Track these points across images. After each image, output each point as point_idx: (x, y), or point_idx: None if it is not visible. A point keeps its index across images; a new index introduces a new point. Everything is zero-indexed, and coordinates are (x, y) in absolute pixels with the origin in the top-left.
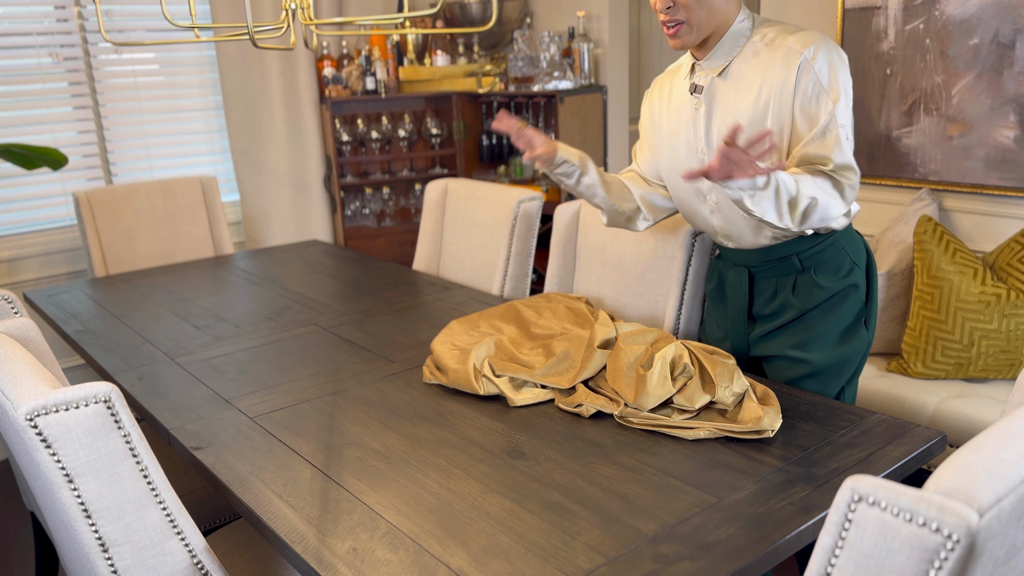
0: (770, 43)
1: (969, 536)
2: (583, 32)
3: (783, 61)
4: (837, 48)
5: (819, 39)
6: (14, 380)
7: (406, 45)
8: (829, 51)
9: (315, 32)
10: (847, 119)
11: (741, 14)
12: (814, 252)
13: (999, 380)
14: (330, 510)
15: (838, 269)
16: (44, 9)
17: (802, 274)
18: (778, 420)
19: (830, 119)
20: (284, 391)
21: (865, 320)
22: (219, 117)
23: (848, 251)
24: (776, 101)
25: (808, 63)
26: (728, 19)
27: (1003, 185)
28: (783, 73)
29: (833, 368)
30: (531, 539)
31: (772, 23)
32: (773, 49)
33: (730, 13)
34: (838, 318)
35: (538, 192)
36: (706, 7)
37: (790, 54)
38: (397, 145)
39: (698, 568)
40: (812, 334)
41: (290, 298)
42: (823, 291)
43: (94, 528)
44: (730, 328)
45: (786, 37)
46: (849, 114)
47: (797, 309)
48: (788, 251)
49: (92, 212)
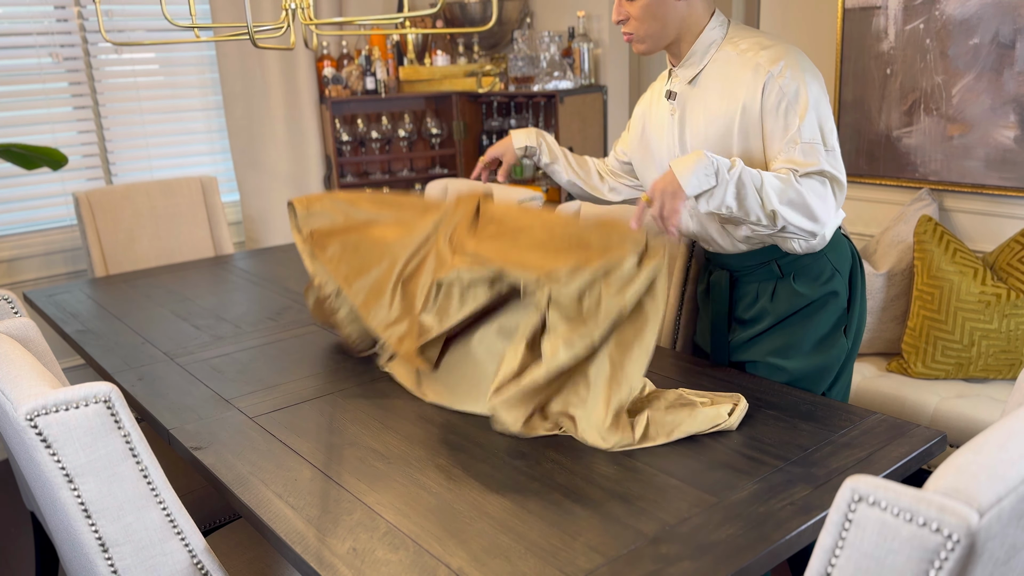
0: (742, 54)
1: (969, 536)
2: (583, 32)
3: (752, 76)
4: (808, 64)
5: (789, 55)
6: (14, 380)
7: (406, 45)
8: (798, 68)
9: (315, 32)
10: (814, 135)
11: (713, 21)
12: (794, 259)
13: (999, 380)
14: (330, 510)
15: (818, 276)
16: (44, 9)
17: (782, 280)
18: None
19: (797, 133)
20: (284, 391)
21: (845, 328)
22: (219, 117)
23: (830, 258)
24: (743, 116)
25: (775, 80)
26: (695, 26)
27: (1003, 185)
28: (751, 88)
29: (811, 376)
30: (531, 539)
31: (747, 32)
32: (744, 62)
33: (696, 21)
34: (815, 326)
35: (538, 192)
36: (659, 19)
37: (759, 70)
38: (397, 145)
39: (698, 568)
40: (789, 341)
41: (290, 298)
42: (802, 298)
43: (94, 528)
44: (711, 331)
45: (758, 52)
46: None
47: (776, 315)
48: (767, 257)
49: (92, 212)
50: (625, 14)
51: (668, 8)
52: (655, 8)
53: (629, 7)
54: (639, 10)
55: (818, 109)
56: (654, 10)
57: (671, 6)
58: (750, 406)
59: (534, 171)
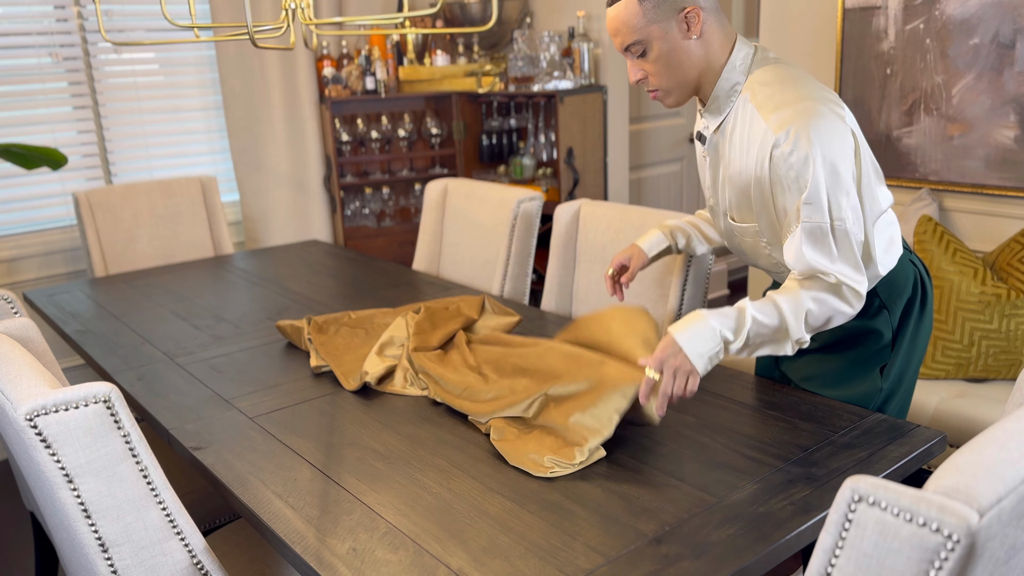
0: (756, 109)
1: (969, 536)
2: (583, 32)
3: (760, 142)
4: (825, 127)
5: (799, 119)
6: (14, 380)
7: (406, 45)
8: (807, 137)
9: (315, 32)
10: (820, 216)
11: (734, 56)
12: None
13: (999, 380)
14: (330, 510)
15: (863, 311)
16: (44, 9)
17: None
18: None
19: (796, 215)
20: (284, 391)
21: (883, 368)
22: (219, 117)
23: (880, 292)
24: (757, 185)
25: (781, 154)
26: (715, 63)
27: (1003, 185)
28: (760, 157)
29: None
30: (531, 539)
31: (768, 76)
32: (755, 123)
33: (715, 58)
34: (847, 360)
35: (538, 192)
36: (677, 68)
37: (766, 136)
38: (397, 145)
39: (698, 568)
40: (819, 371)
41: (290, 298)
42: (839, 331)
43: (94, 528)
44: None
45: (769, 112)
46: (825, 209)
47: (813, 342)
48: None
49: (92, 212)
50: (642, 73)
51: (683, 54)
52: (669, 57)
53: (644, 65)
54: (654, 65)
55: (820, 187)
56: (669, 59)
57: (685, 51)
58: (750, 406)
59: (534, 171)
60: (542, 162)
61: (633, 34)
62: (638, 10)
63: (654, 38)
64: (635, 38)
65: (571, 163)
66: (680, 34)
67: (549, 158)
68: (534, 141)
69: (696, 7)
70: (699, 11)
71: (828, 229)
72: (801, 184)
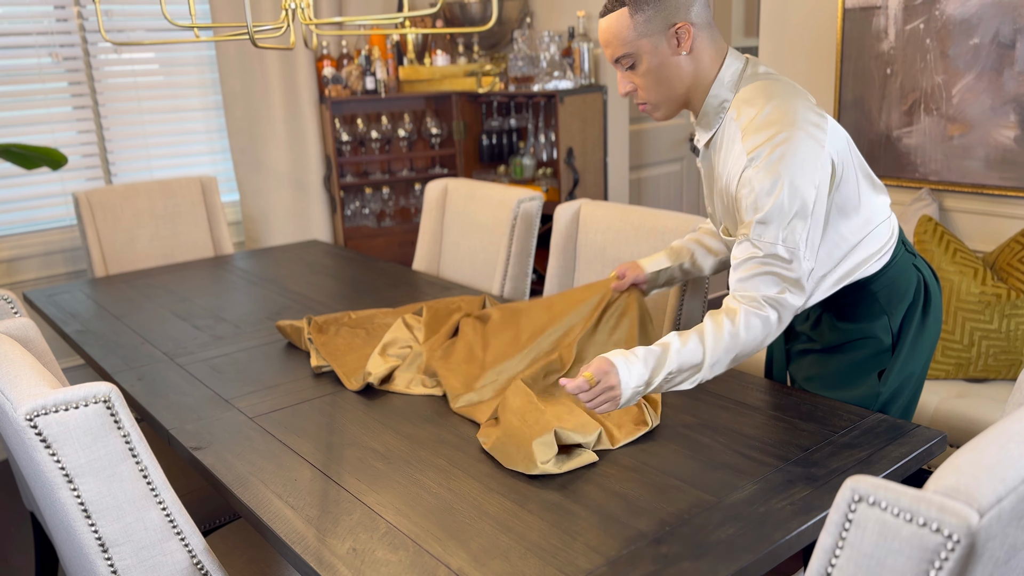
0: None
1: (969, 536)
2: (583, 32)
3: (735, 163)
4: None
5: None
6: (14, 380)
7: (406, 45)
8: (775, 165)
9: (315, 32)
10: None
11: (723, 71)
12: (837, 294)
13: (999, 380)
14: (330, 510)
15: (863, 315)
16: (44, 9)
17: (826, 312)
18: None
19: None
20: (284, 391)
21: (882, 372)
22: (219, 117)
23: (881, 297)
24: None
25: (746, 178)
26: (704, 79)
27: (1003, 185)
28: (735, 176)
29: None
30: (531, 539)
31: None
32: (735, 143)
33: (704, 74)
34: (845, 363)
35: (538, 192)
36: (666, 82)
37: (739, 159)
38: (397, 145)
39: (698, 568)
40: (820, 372)
41: (290, 298)
42: (840, 334)
43: (94, 528)
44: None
45: (747, 136)
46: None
47: (815, 342)
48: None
49: (92, 212)
50: (631, 85)
51: (672, 69)
52: (658, 72)
53: (633, 77)
54: (643, 79)
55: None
56: (658, 74)
57: (675, 66)
58: (750, 406)
59: (534, 171)
60: (542, 162)
61: (623, 47)
62: (629, 23)
63: (644, 52)
64: (625, 51)
65: (571, 163)
66: (670, 49)
67: (549, 158)
68: (534, 141)
69: (687, 23)
70: (689, 27)
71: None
72: (759, 206)
